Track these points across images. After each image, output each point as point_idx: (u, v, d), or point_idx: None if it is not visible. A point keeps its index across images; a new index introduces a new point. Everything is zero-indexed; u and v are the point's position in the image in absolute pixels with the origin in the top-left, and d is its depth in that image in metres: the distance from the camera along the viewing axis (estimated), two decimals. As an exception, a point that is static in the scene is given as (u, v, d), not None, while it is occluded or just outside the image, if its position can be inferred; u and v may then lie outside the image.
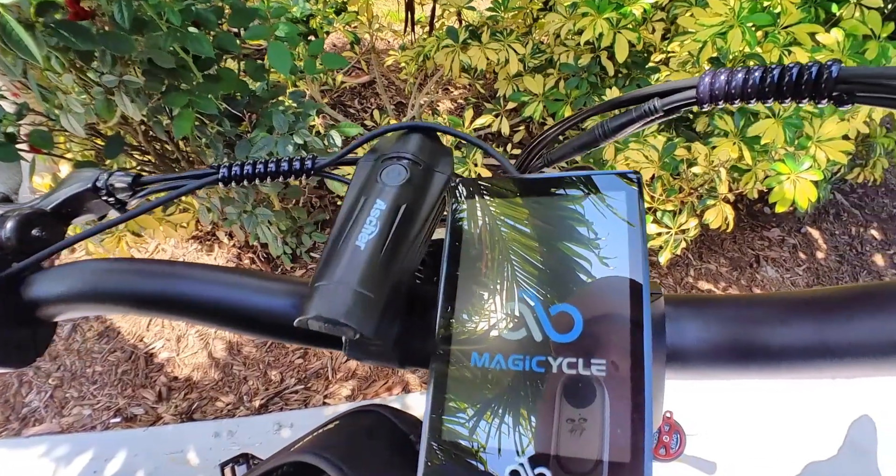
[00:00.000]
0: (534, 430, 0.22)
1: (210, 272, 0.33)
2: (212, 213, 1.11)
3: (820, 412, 1.48)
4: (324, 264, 0.27)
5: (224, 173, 0.35)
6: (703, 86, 0.27)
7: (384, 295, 0.26)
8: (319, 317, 0.24)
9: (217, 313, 0.32)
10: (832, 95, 0.24)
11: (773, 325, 0.24)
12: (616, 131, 0.32)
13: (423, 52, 1.45)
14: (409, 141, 0.32)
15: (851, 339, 0.22)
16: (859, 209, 2.15)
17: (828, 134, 1.23)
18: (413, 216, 0.29)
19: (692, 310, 0.26)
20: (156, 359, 1.61)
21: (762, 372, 0.24)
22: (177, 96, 0.82)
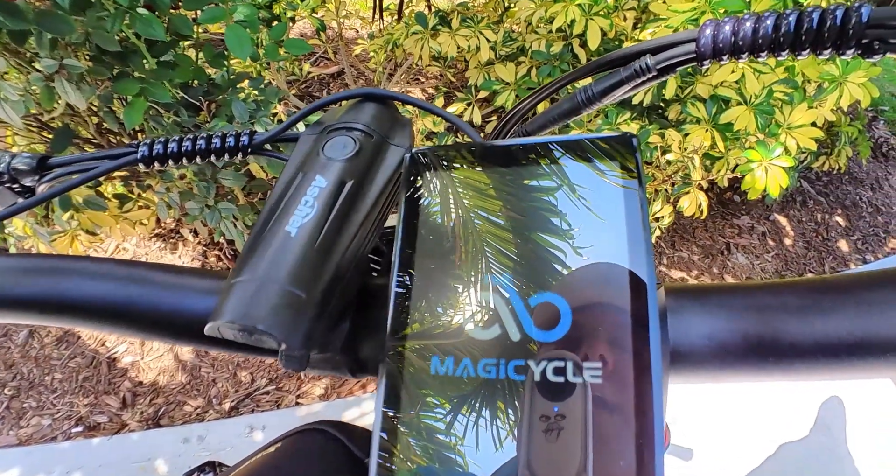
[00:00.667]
0: (499, 440, 0.18)
1: (104, 266, 0.27)
2: (172, 210, 1.05)
3: (791, 394, 1.51)
4: (245, 256, 0.21)
5: (144, 152, 0.30)
6: (704, 38, 0.23)
7: (319, 294, 0.21)
8: (232, 323, 0.19)
9: (113, 316, 0.26)
10: (861, 43, 0.20)
11: (797, 315, 0.19)
12: (602, 95, 0.28)
13: (392, 40, 1.40)
14: (362, 110, 0.28)
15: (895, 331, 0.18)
16: (824, 197, 2.20)
17: (798, 121, 1.24)
18: (361, 195, 0.24)
19: (698, 301, 0.21)
20: (119, 363, 1.54)
21: (786, 372, 0.20)
22: (127, 84, 0.76)
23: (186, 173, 0.97)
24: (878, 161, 2.43)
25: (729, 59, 0.24)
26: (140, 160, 0.30)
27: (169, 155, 0.30)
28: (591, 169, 0.22)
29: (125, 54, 0.75)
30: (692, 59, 0.25)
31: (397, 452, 0.18)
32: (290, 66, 1.80)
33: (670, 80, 1.24)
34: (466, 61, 1.41)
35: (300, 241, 0.21)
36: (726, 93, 1.22)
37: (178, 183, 1.00)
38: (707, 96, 1.25)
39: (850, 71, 1.27)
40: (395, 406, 0.19)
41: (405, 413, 0.19)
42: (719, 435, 1.42)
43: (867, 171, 2.34)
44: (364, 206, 0.24)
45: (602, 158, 0.22)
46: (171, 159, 0.30)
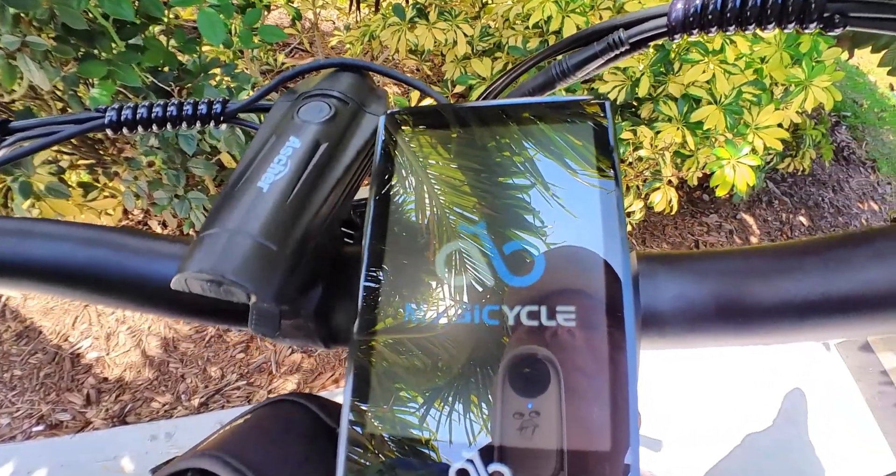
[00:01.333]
0: (486, 417, 0.17)
1: (67, 228, 0.26)
2: (140, 199, 1.02)
3: (755, 386, 1.55)
4: (215, 210, 0.21)
5: (112, 117, 0.28)
6: (675, 12, 0.24)
7: (290, 248, 0.20)
8: (202, 272, 0.18)
9: (77, 280, 0.25)
10: (822, 17, 0.21)
11: (767, 277, 0.20)
12: (576, 69, 0.28)
13: (368, 32, 1.39)
14: (338, 79, 0.27)
15: (861, 290, 0.19)
16: (789, 197, 2.27)
17: (765, 122, 1.28)
18: (335, 158, 0.24)
19: (667, 266, 0.22)
20: (83, 359, 1.49)
21: (755, 334, 0.20)
22: (94, 65, 0.74)
23: (155, 161, 0.95)
24: (840, 164, 2.52)
25: (699, 32, 0.24)
26: (107, 125, 0.29)
27: (138, 121, 0.29)
28: (560, 136, 0.22)
29: (92, 35, 0.73)
30: (663, 33, 0.25)
31: (365, 442, 0.18)
32: (265, 56, 1.77)
33: (643, 79, 1.26)
34: (443, 55, 1.41)
35: (272, 196, 0.21)
36: (697, 92, 1.25)
37: (147, 171, 0.98)
38: (679, 95, 1.28)
39: (815, 75, 1.31)
40: (366, 368, 0.19)
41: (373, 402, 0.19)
42: (688, 427, 1.45)
43: (829, 174, 2.43)
44: (337, 169, 0.24)
45: (574, 122, 0.22)
46: (140, 125, 0.29)
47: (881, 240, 0.19)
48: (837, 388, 1.59)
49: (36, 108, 0.90)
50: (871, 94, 3.08)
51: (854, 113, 2.82)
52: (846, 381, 1.61)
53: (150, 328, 1.54)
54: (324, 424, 0.25)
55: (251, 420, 0.25)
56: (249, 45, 0.88)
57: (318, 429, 0.25)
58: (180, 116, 0.29)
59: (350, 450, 0.18)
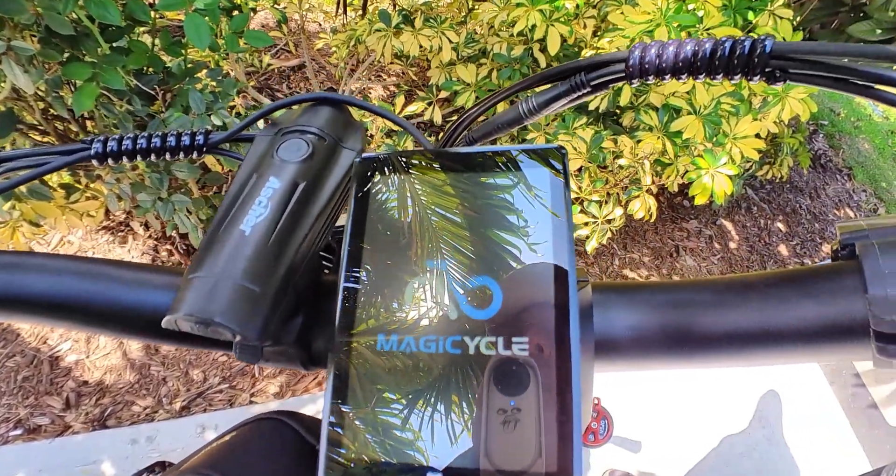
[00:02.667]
0: (454, 432, 0.19)
1: (58, 262, 0.27)
2: (123, 201, 1.02)
3: (731, 389, 1.59)
4: (202, 253, 0.23)
5: (98, 149, 0.30)
6: (633, 59, 0.25)
7: (273, 288, 0.22)
8: (190, 315, 0.20)
9: (69, 312, 0.26)
10: (765, 72, 0.23)
11: (709, 309, 0.22)
12: (542, 107, 0.30)
13: (354, 36, 1.40)
14: (316, 113, 0.29)
15: (792, 323, 0.21)
16: (767, 204, 2.32)
17: (743, 132, 1.31)
18: (313, 196, 0.25)
19: (621, 296, 0.24)
20: (62, 362, 1.47)
21: (698, 360, 0.22)
22: (78, 68, 0.73)
23: (138, 164, 0.94)
24: (817, 171, 2.59)
25: (654, 79, 0.26)
26: (94, 157, 0.30)
27: (123, 152, 0.30)
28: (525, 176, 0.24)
29: (77, 38, 0.73)
30: (622, 77, 0.27)
31: (346, 443, 0.19)
32: (250, 58, 1.77)
33: (625, 89, 1.29)
34: (428, 61, 1.43)
35: (254, 238, 0.22)
36: (677, 102, 1.27)
37: (130, 174, 0.97)
38: (659, 105, 1.31)
39: (792, 87, 1.35)
40: (343, 398, 0.20)
41: (354, 404, 0.20)
42: (666, 429, 1.48)
43: (807, 181, 2.49)
44: (316, 206, 0.25)
45: (533, 167, 0.24)
46: (125, 156, 0.31)
47: (813, 280, 0.22)
48: (812, 391, 1.63)
49: (18, 109, 0.89)
50: (847, 103, 3.15)
51: (831, 122, 2.89)
52: (821, 384, 1.65)
53: (132, 330, 1.52)
54: (306, 443, 0.26)
55: (236, 438, 0.26)
56: (236, 49, 0.88)
57: (301, 447, 0.26)
58: (164, 148, 0.31)
59: (331, 450, 0.19)
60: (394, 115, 0.32)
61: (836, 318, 0.20)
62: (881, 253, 0.20)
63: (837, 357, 0.21)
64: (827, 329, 0.21)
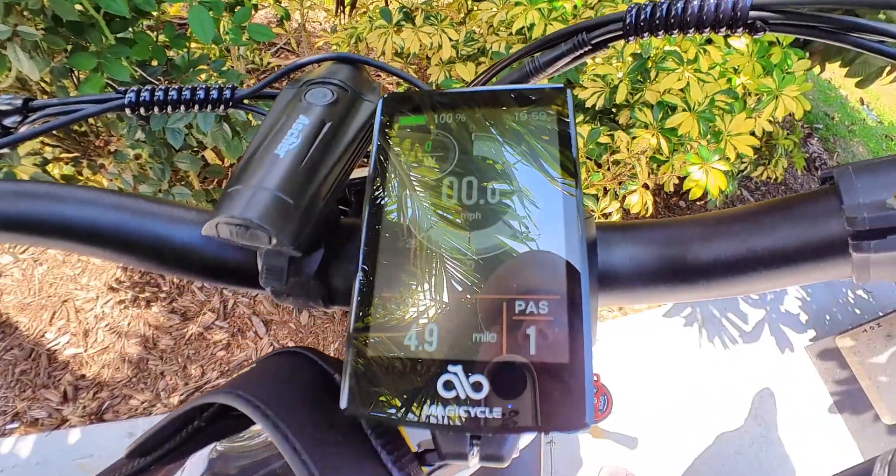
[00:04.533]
0: (470, 337, 0.21)
1: (94, 193, 0.29)
2: (124, 192, 1.03)
3: (726, 387, 1.60)
4: (238, 172, 0.24)
5: (131, 98, 0.32)
6: (629, 18, 0.28)
7: (305, 204, 0.24)
8: (232, 218, 0.22)
9: (103, 240, 0.28)
10: (747, 23, 0.25)
11: (700, 241, 0.24)
12: (546, 66, 0.32)
13: (355, 34, 1.42)
14: (338, 70, 0.31)
15: (777, 246, 0.23)
16: (762, 204, 2.34)
17: (737, 129, 1.33)
18: (337, 136, 0.27)
19: (622, 232, 0.26)
20: (60, 356, 1.47)
21: (693, 289, 0.24)
22: (83, 57, 0.75)
23: (142, 154, 0.95)
24: (812, 174, 2.61)
25: (649, 35, 0.28)
26: (127, 105, 0.32)
27: (155, 102, 0.32)
28: (530, 114, 0.26)
29: (82, 27, 0.74)
30: (620, 35, 0.29)
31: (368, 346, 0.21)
32: (251, 55, 1.78)
33: (621, 86, 1.30)
34: (428, 58, 1.44)
35: (288, 160, 0.24)
36: (672, 100, 1.29)
37: (132, 165, 0.98)
38: (654, 102, 1.33)
39: (785, 85, 1.37)
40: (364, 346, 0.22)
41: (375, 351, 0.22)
42: (663, 425, 1.49)
43: (801, 183, 2.51)
44: (340, 145, 0.27)
45: (538, 106, 0.26)
46: (156, 107, 0.32)
47: (794, 205, 0.23)
48: (806, 389, 1.64)
49: (22, 99, 0.90)
50: (842, 107, 3.19)
51: (826, 125, 2.92)
52: (815, 382, 1.66)
53: (130, 325, 1.53)
54: (324, 370, 0.28)
55: (260, 366, 0.28)
56: (239, 42, 0.89)
57: (319, 374, 0.27)
58: (193, 100, 0.32)
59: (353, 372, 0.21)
60: (408, 75, 0.34)
61: (816, 234, 0.22)
62: (854, 172, 0.22)
63: (821, 275, 0.23)
64: (808, 247, 0.22)
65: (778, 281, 0.23)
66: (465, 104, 0.27)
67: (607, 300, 0.26)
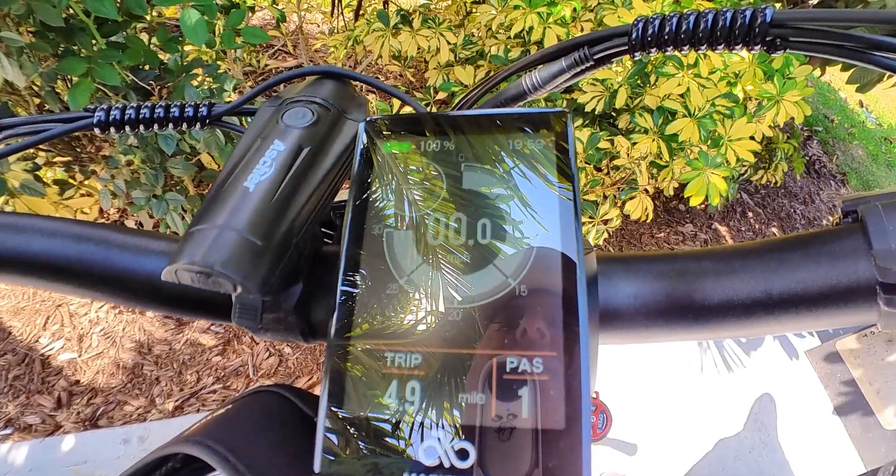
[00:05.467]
0: (458, 404, 0.19)
1: (56, 224, 0.27)
2: (117, 198, 1.01)
3: (727, 392, 1.59)
4: (204, 208, 0.22)
5: (100, 117, 0.30)
6: (635, 32, 0.26)
7: (275, 243, 0.22)
8: (192, 264, 0.20)
9: (65, 273, 0.26)
10: (766, 40, 0.23)
11: (712, 278, 0.22)
12: (545, 82, 0.30)
13: (352, 36, 1.40)
14: (320, 86, 0.29)
15: (795, 289, 0.21)
16: (762, 208, 2.33)
17: (737, 134, 1.32)
18: (316, 161, 0.25)
19: (625, 266, 0.24)
20: (54, 361, 1.46)
21: (702, 330, 0.22)
22: (73, 62, 0.73)
23: (134, 160, 0.94)
24: (811, 177, 2.60)
25: (656, 51, 0.26)
26: (96, 125, 0.30)
27: (126, 121, 0.30)
28: (527, 141, 0.24)
29: (72, 31, 0.73)
30: (625, 50, 0.27)
31: (342, 451, 0.19)
32: (248, 57, 1.77)
33: (621, 91, 1.29)
34: (426, 62, 1.43)
35: (258, 194, 0.22)
36: (672, 105, 1.28)
37: (125, 170, 0.97)
38: (654, 107, 1.31)
39: (786, 90, 1.36)
40: (339, 403, 0.20)
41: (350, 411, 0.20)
42: (661, 431, 1.47)
43: (801, 186, 2.50)
44: (318, 172, 0.25)
45: (537, 131, 0.24)
46: (128, 126, 0.30)
47: (816, 243, 0.21)
48: (807, 394, 1.63)
49: (12, 103, 0.89)
50: (841, 110, 3.18)
51: (825, 128, 2.91)
52: (815, 387, 1.65)
53: (125, 330, 1.51)
54: (302, 414, 0.26)
55: (233, 409, 0.26)
56: (232, 45, 0.88)
57: (297, 417, 0.26)
58: (167, 118, 0.30)
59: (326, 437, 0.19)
60: (397, 90, 0.32)
61: (841, 278, 0.20)
62: (885, 211, 0.20)
63: (842, 321, 0.21)
64: (831, 290, 0.20)
65: (794, 325, 0.21)
66: (457, 129, 0.25)
67: (607, 339, 0.24)
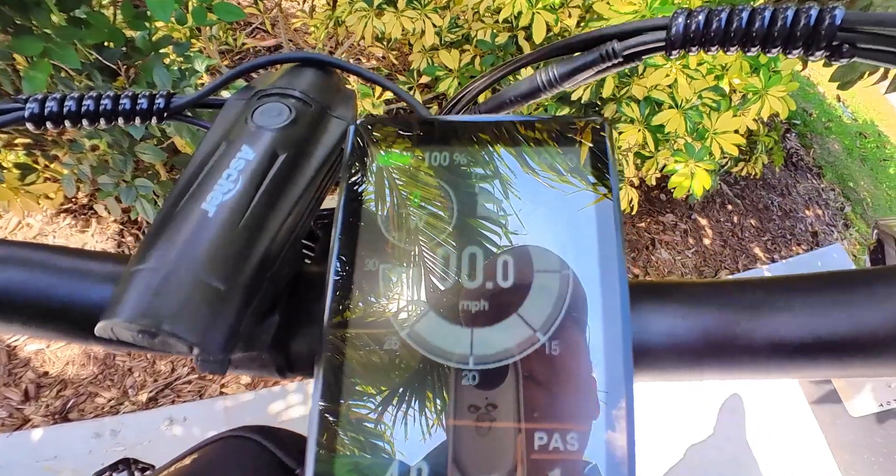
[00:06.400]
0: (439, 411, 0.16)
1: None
2: (83, 184, 0.96)
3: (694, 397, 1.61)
4: (150, 238, 0.18)
5: (33, 109, 0.25)
6: (676, 27, 0.22)
7: (243, 286, 0.17)
8: (131, 322, 0.15)
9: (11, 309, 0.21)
10: (831, 45, 0.20)
11: (758, 313, 0.19)
12: (564, 79, 0.26)
13: (334, 16, 1.35)
14: (300, 76, 0.24)
15: (850, 332, 0.18)
16: (741, 200, 2.35)
17: (723, 127, 1.31)
18: (295, 171, 0.21)
19: (659, 298, 0.20)
20: (20, 353, 1.40)
21: (743, 371, 0.20)
22: (28, 41, 0.68)
23: (100, 145, 0.89)
24: (789, 170, 2.64)
25: (698, 50, 0.23)
26: (28, 119, 0.25)
27: (65, 115, 0.25)
28: (558, 157, 0.20)
29: (26, 5, 0.67)
30: (661, 47, 0.23)
31: (337, 447, 0.17)
32: (224, 36, 1.69)
33: (608, 80, 1.27)
34: (410, 45, 1.39)
35: (220, 221, 0.18)
36: (660, 96, 1.27)
37: (90, 155, 0.91)
38: (641, 98, 1.30)
39: (772, 84, 1.35)
40: (334, 399, 0.17)
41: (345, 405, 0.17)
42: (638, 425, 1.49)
43: (779, 179, 2.53)
44: (299, 183, 0.21)
45: (570, 145, 0.20)
46: (67, 120, 0.25)
47: (878, 283, 0.19)
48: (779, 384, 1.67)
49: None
50: (820, 104, 3.22)
51: (804, 121, 2.95)
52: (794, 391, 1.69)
53: (94, 319, 1.47)
54: (280, 463, 0.23)
55: (197, 461, 0.22)
56: (204, 22, 0.82)
57: (274, 468, 0.22)
58: (115, 111, 0.25)
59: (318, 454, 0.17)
60: (389, 82, 0.28)
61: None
62: None
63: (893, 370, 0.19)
64: (889, 337, 0.18)
65: (850, 370, 0.19)
66: (470, 139, 0.21)
67: (635, 379, 0.21)
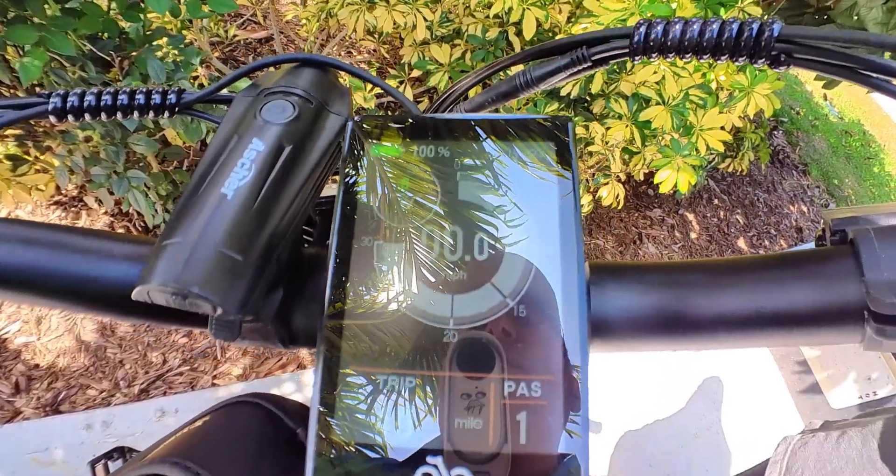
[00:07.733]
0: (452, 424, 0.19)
1: (10, 227, 0.25)
2: (75, 175, 0.96)
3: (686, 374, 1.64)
4: (177, 217, 0.21)
5: (56, 103, 0.27)
6: (637, 36, 0.25)
7: (256, 257, 0.20)
8: (166, 285, 0.18)
9: (23, 283, 0.24)
10: (770, 55, 0.23)
11: (703, 293, 0.22)
12: (539, 80, 0.29)
13: (326, 9, 1.36)
14: (300, 75, 0.27)
15: (785, 307, 0.21)
16: (727, 195, 2.39)
17: (709, 124, 1.34)
18: (299, 161, 0.24)
19: (617, 277, 0.23)
20: (11, 345, 1.40)
21: (693, 342, 0.23)
22: (23, 30, 0.68)
23: (93, 136, 0.89)
24: (775, 166, 2.68)
25: (657, 57, 0.25)
26: (52, 112, 0.28)
27: (85, 109, 0.28)
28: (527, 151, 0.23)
29: (21, -4, 0.67)
30: (625, 54, 0.26)
31: (335, 431, 0.19)
32: (216, 27, 1.69)
33: (597, 76, 1.29)
34: (402, 38, 1.40)
35: (237, 203, 0.21)
36: (647, 92, 1.29)
37: (83, 146, 0.92)
38: (629, 94, 1.32)
39: (758, 82, 1.38)
40: (333, 385, 0.20)
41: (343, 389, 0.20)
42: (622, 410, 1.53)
43: (765, 175, 2.58)
44: (302, 172, 0.24)
45: (538, 140, 0.23)
46: (87, 113, 0.28)
47: (806, 263, 0.22)
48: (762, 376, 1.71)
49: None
50: (806, 102, 3.27)
51: (791, 119, 2.99)
52: (770, 368, 1.73)
53: (85, 311, 1.46)
54: (284, 425, 0.25)
55: (208, 423, 0.24)
56: (198, 14, 0.83)
57: (277, 430, 0.24)
58: (131, 106, 0.28)
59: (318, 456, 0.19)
60: (383, 82, 0.31)
61: (831, 300, 0.21)
62: (878, 240, 0.21)
63: (828, 340, 0.22)
64: (821, 312, 0.21)
65: (781, 341, 0.22)
66: (453, 134, 0.24)
67: (595, 349, 0.24)
